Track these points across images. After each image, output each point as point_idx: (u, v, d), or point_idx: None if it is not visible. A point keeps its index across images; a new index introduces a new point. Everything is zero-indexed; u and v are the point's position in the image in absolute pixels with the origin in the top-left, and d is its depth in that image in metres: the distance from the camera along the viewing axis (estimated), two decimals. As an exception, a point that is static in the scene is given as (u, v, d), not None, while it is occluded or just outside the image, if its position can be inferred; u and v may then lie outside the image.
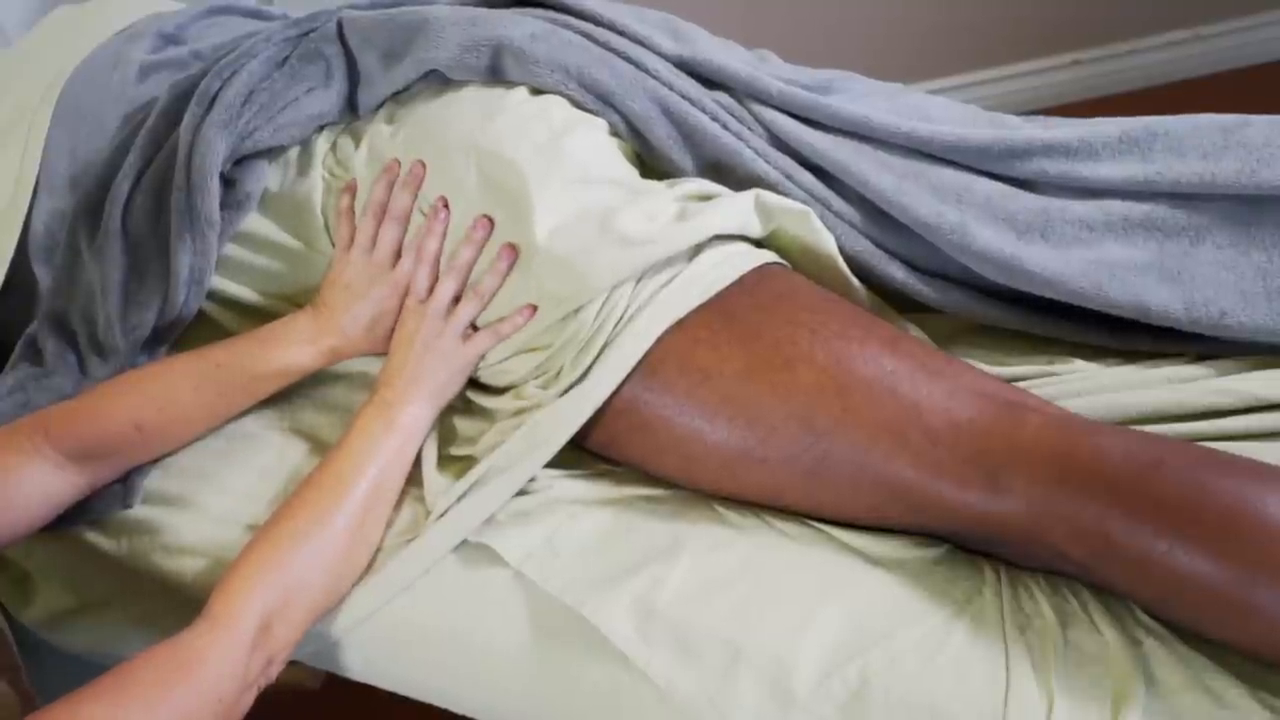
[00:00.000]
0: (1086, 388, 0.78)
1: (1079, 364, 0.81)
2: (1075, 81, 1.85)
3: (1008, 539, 0.71)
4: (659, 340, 0.76)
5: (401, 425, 0.79)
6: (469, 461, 0.81)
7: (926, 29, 1.76)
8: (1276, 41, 1.86)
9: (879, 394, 0.72)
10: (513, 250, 0.79)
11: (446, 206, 0.82)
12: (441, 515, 0.78)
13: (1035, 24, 1.78)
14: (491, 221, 0.80)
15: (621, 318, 0.77)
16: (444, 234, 0.82)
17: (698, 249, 0.79)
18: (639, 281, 0.78)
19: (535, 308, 0.79)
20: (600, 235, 0.77)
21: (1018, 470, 0.68)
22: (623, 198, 0.81)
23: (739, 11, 1.65)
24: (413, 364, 0.81)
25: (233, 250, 0.90)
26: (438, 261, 0.83)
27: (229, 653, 0.66)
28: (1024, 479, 0.68)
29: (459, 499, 0.78)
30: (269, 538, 0.72)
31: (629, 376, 0.77)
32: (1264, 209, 0.77)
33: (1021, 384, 0.79)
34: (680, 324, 0.76)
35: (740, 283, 0.78)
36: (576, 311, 0.78)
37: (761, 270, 0.80)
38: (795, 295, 0.79)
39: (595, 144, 0.85)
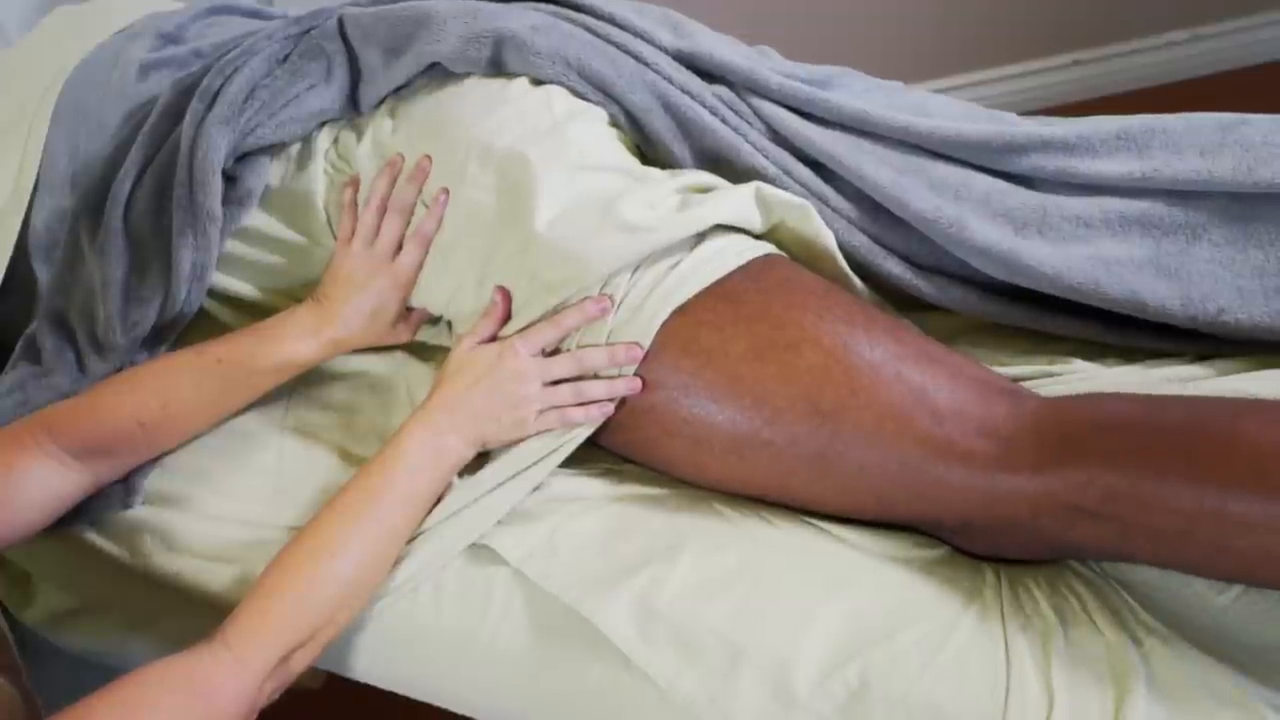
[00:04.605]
0: (1086, 388, 0.78)
1: (1079, 364, 0.81)
2: (1075, 81, 1.85)
3: (1015, 516, 0.71)
4: (663, 325, 0.76)
5: (451, 451, 0.77)
6: (481, 459, 0.80)
7: (926, 29, 1.76)
8: (1276, 41, 1.86)
9: (885, 376, 0.73)
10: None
11: (447, 195, 0.82)
12: (455, 514, 0.77)
13: (1035, 24, 1.78)
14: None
15: (622, 305, 0.77)
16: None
17: (699, 238, 0.79)
18: (637, 271, 0.77)
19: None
20: (602, 221, 0.77)
21: (1024, 439, 0.70)
22: (624, 185, 0.81)
23: (739, 12, 1.65)
24: (465, 393, 0.78)
25: (234, 246, 0.90)
26: None
27: (247, 687, 0.66)
28: (1032, 446, 0.69)
29: (476, 500, 0.77)
30: (297, 560, 0.71)
31: None
32: (1261, 207, 0.77)
33: (1022, 384, 0.79)
34: (684, 308, 0.76)
35: (744, 269, 0.78)
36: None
37: (766, 258, 0.80)
38: (800, 280, 0.79)
39: (596, 133, 0.85)
